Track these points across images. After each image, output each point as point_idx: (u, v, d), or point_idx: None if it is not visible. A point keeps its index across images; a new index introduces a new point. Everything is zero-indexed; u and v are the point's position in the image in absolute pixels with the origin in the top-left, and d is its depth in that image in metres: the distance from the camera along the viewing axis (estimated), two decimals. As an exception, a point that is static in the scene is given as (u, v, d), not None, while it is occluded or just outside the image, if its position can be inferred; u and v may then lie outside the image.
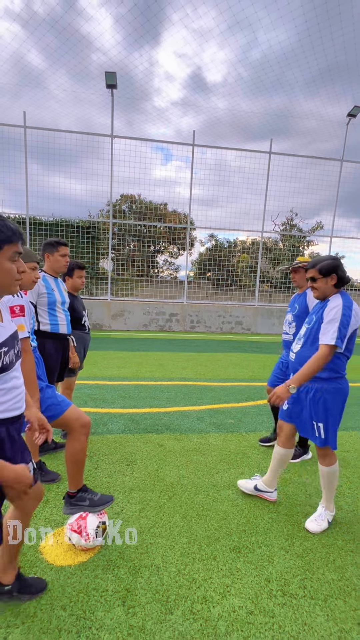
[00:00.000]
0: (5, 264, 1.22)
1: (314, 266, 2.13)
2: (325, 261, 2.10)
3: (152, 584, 1.78)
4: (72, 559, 1.92)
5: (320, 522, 2.25)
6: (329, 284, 2.11)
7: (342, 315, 2.00)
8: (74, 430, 2.03)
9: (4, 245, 1.20)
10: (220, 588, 1.77)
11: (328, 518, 2.27)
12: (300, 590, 1.79)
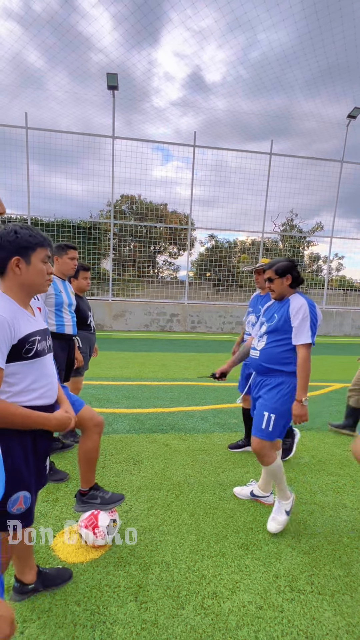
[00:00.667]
0: (39, 264, 1.43)
1: (270, 267, 2.24)
2: (281, 262, 2.22)
3: (163, 580, 1.82)
4: (84, 556, 1.96)
5: (277, 516, 2.22)
6: (285, 284, 2.22)
7: (310, 313, 2.12)
8: (87, 430, 2.07)
9: (37, 247, 1.41)
10: (230, 584, 1.81)
11: (285, 508, 2.23)
12: (308, 586, 1.83)
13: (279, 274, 2.20)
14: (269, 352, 2.24)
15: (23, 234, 1.39)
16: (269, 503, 2.51)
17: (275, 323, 2.23)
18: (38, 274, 1.43)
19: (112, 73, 10.40)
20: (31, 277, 1.41)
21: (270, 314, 2.31)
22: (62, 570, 1.80)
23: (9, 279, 1.40)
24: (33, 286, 1.44)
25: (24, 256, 1.39)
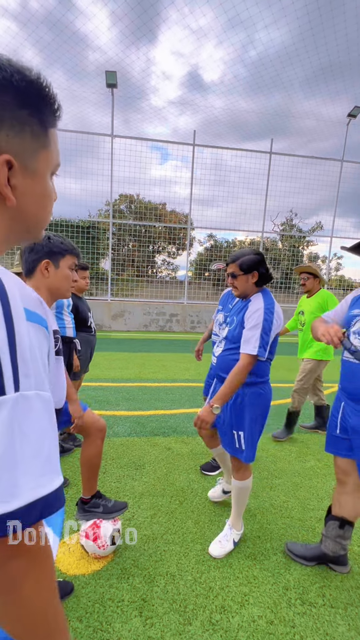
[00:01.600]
0: (66, 270, 1.53)
1: (234, 261, 1.90)
2: (246, 256, 1.88)
3: (169, 593, 1.74)
4: (86, 567, 1.88)
5: (225, 543, 2.02)
6: (250, 282, 1.90)
7: (264, 321, 1.80)
8: (90, 434, 1.99)
9: (67, 254, 1.53)
10: (238, 597, 1.74)
11: (234, 538, 2.04)
12: (319, 599, 1.75)
13: (243, 269, 1.87)
14: (225, 360, 2.02)
15: (55, 241, 1.52)
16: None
17: (233, 329, 1.99)
18: (64, 279, 1.54)
19: (111, 71, 10.30)
20: (58, 280, 1.52)
21: (232, 316, 2.06)
22: (63, 584, 1.72)
23: (37, 279, 1.51)
24: (59, 290, 1.54)
25: (54, 260, 1.52)
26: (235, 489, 2.07)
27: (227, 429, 2.04)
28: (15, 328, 0.43)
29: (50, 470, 0.45)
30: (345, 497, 1.89)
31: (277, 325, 1.88)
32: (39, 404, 0.44)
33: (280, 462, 3.14)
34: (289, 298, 13.69)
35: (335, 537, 1.89)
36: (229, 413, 2.03)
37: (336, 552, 1.90)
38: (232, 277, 1.94)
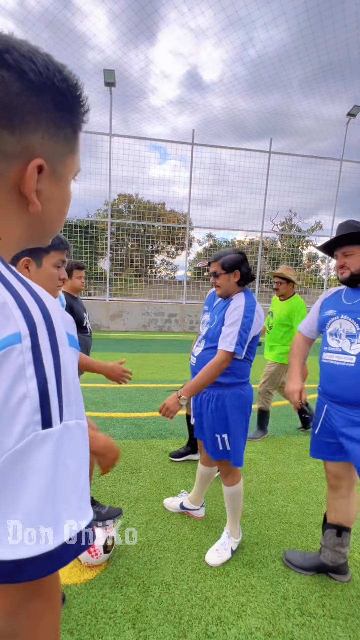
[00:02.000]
0: (50, 269, 1.34)
1: (216, 260, 1.91)
2: (229, 255, 1.90)
3: (163, 603, 1.68)
4: (78, 576, 1.82)
5: (223, 552, 1.96)
6: (232, 281, 1.90)
7: (244, 318, 1.80)
8: None
9: (51, 250, 1.32)
10: (235, 607, 1.68)
11: (232, 546, 1.98)
12: (319, 609, 1.70)
13: (225, 268, 1.87)
14: (203, 359, 1.94)
15: None
16: (199, 517, 2.33)
17: (213, 327, 1.96)
18: (48, 279, 1.34)
19: (109, 69, 10.25)
20: (40, 281, 1.30)
21: (213, 315, 2.03)
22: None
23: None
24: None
25: (35, 258, 1.31)
26: (226, 495, 2.01)
27: (210, 433, 1.96)
28: (61, 358, 0.41)
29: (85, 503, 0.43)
30: (340, 501, 1.84)
31: (258, 324, 1.87)
32: (79, 434, 0.43)
33: (279, 466, 3.08)
34: (288, 298, 13.63)
35: (334, 545, 1.83)
36: (211, 417, 1.95)
37: (336, 562, 1.84)
38: (215, 276, 1.94)
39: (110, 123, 11.03)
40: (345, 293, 1.74)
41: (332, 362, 1.69)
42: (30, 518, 0.37)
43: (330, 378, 1.71)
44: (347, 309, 1.67)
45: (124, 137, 11.31)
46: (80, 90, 0.47)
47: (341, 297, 1.74)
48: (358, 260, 1.61)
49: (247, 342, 1.83)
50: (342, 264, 1.65)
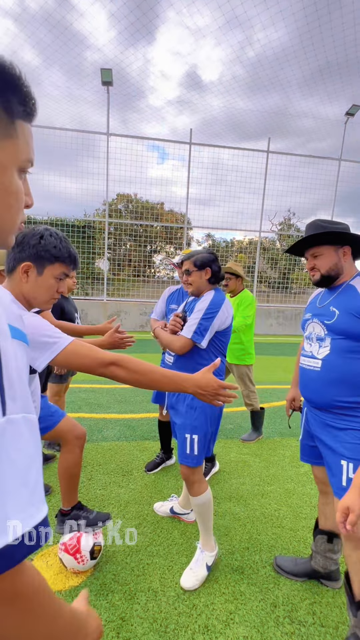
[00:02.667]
0: (50, 280, 1.28)
1: (188, 258, 1.96)
2: (201, 254, 1.95)
3: (149, 611, 1.64)
4: (63, 583, 1.78)
5: (197, 570, 1.81)
6: (203, 278, 1.94)
7: (207, 308, 1.82)
8: (68, 443, 1.90)
9: (56, 261, 1.28)
10: (223, 615, 1.64)
11: (207, 562, 1.85)
12: (309, 617, 1.66)
13: (197, 265, 1.92)
14: (182, 359, 1.91)
15: (47, 243, 1.26)
16: (190, 521, 2.28)
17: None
18: (45, 290, 1.28)
19: (106, 69, 10.20)
20: (36, 289, 1.26)
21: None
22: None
23: (14, 281, 1.27)
24: (35, 300, 1.28)
25: (38, 265, 1.26)
26: (194, 507, 1.88)
27: (181, 432, 1.88)
28: (2, 348, 0.41)
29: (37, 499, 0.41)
30: (330, 507, 1.79)
31: (223, 318, 1.85)
32: (25, 428, 0.41)
33: (273, 468, 3.04)
34: (286, 298, 13.60)
35: (325, 552, 1.79)
36: (184, 415, 1.87)
37: (327, 568, 1.80)
38: (187, 273, 1.96)
39: (108, 122, 10.98)
40: (321, 295, 1.67)
41: (304, 366, 1.65)
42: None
43: (303, 382, 1.68)
44: (318, 312, 1.62)
45: (121, 137, 11.26)
46: (11, 74, 0.44)
47: (317, 300, 1.69)
48: (327, 261, 1.54)
49: (207, 332, 1.81)
50: (312, 266, 1.58)
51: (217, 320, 1.82)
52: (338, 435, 1.52)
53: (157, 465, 2.93)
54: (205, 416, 1.84)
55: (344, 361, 1.49)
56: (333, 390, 1.52)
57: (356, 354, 1.47)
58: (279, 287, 13.79)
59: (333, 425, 1.55)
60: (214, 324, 1.81)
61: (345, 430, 1.50)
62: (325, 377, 1.54)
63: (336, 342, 1.51)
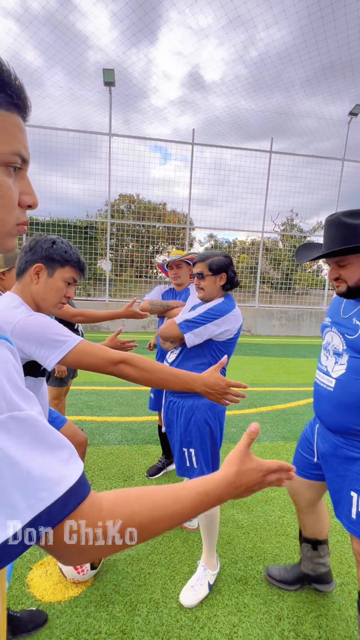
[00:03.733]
0: (59, 282, 1.29)
1: (203, 260, 1.76)
2: (216, 256, 1.76)
3: (151, 623, 1.60)
4: (62, 593, 1.74)
5: (199, 588, 1.74)
6: (217, 284, 1.77)
7: (209, 309, 1.71)
8: None
9: (67, 265, 1.30)
10: (227, 628, 1.60)
11: (209, 580, 1.78)
12: (314, 631, 1.61)
13: (212, 270, 1.74)
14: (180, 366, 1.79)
15: (59, 247, 1.30)
16: (192, 528, 2.24)
17: None
18: (55, 292, 1.30)
19: (108, 69, 10.18)
20: (46, 291, 1.29)
21: None
22: (36, 613, 1.59)
23: (24, 283, 1.29)
24: (44, 301, 1.30)
25: (49, 267, 1.28)
26: (201, 518, 1.82)
27: (178, 446, 1.81)
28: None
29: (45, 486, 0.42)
30: (305, 518, 1.74)
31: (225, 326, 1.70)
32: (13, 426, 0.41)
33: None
34: (289, 299, 13.53)
35: (312, 558, 1.75)
36: (181, 428, 1.79)
37: (317, 571, 1.76)
38: (200, 277, 1.79)
39: (110, 123, 10.96)
40: (345, 302, 1.46)
41: (318, 382, 1.52)
42: None
43: (316, 399, 1.55)
44: (340, 321, 1.43)
45: (123, 137, 11.24)
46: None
47: (341, 305, 1.47)
48: (356, 270, 1.30)
49: (197, 329, 1.69)
50: (336, 276, 1.36)
51: (214, 326, 1.69)
52: (349, 463, 1.39)
53: (159, 470, 2.88)
54: (202, 429, 1.75)
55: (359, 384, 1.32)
56: (346, 415, 1.36)
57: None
58: (282, 288, 13.73)
59: (345, 451, 1.41)
60: (207, 326, 1.68)
61: (358, 459, 1.37)
62: (337, 399, 1.38)
63: (354, 362, 1.33)
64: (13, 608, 1.63)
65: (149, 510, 0.54)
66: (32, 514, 0.41)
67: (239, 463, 0.64)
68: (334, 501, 1.49)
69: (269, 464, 0.66)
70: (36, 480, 0.41)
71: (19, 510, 0.40)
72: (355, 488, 1.35)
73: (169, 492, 0.57)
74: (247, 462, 0.64)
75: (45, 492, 0.42)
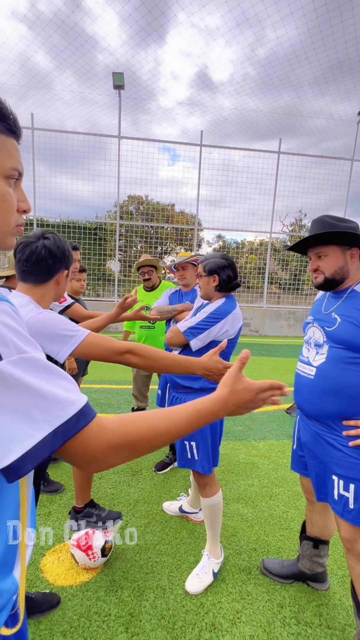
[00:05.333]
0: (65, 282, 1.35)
1: (202, 262, 1.92)
2: (213, 259, 1.87)
3: (158, 608, 1.68)
4: (74, 578, 1.83)
5: (203, 576, 1.82)
6: (210, 285, 1.87)
7: (211, 313, 1.79)
8: None
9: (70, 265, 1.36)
10: (230, 614, 1.67)
11: (213, 568, 1.86)
12: (315, 618, 1.67)
13: (205, 271, 1.86)
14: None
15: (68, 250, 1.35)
16: (198, 521, 2.31)
17: None
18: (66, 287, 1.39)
19: (118, 72, 10.32)
20: (64, 289, 1.38)
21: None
22: (49, 596, 1.68)
23: (49, 288, 1.31)
24: (58, 296, 1.38)
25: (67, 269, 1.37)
26: (204, 508, 1.91)
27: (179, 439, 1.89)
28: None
29: (60, 407, 0.52)
30: (315, 516, 1.79)
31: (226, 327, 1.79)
32: (24, 364, 0.50)
33: (282, 470, 3.04)
34: (297, 299, 13.49)
35: (312, 556, 1.80)
36: None
37: (313, 570, 1.81)
38: (199, 277, 1.94)
39: (119, 126, 11.09)
40: (327, 300, 1.56)
41: (299, 372, 1.60)
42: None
43: (296, 388, 1.62)
44: (321, 317, 1.53)
45: (132, 139, 11.36)
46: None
47: (322, 304, 1.58)
48: (333, 263, 1.43)
49: (202, 335, 1.77)
50: (315, 267, 1.48)
51: (216, 328, 1.78)
52: (328, 449, 1.47)
53: (166, 465, 2.96)
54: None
55: (338, 372, 1.41)
56: (325, 401, 1.45)
57: (352, 365, 1.39)
58: (290, 288, 13.70)
59: (324, 438, 1.49)
60: (211, 330, 1.77)
61: (336, 444, 1.44)
62: (317, 386, 1.47)
63: (333, 351, 1.43)
64: (28, 590, 1.73)
65: (148, 427, 0.62)
66: (51, 428, 0.51)
67: (231, 384, 0.73)
68: (316, 485, 1.56)
69: (260, 384, 0.75)
70: (51, 403, 0.51)
71: (40, 426, 0.50)
72: (336, 472, 1.44)
73: (165, 411, 0.67)
74: (239, 383, 0.73)
75: (60, 411, 0.52)
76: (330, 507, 1.50)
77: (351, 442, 1.39)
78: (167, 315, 2.65)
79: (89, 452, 0.56)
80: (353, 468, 1.39)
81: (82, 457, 0.57)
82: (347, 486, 1.39)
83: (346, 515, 1.39)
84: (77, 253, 2.87)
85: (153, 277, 3.39)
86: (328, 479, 1.48)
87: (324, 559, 1.81)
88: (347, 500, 1.39)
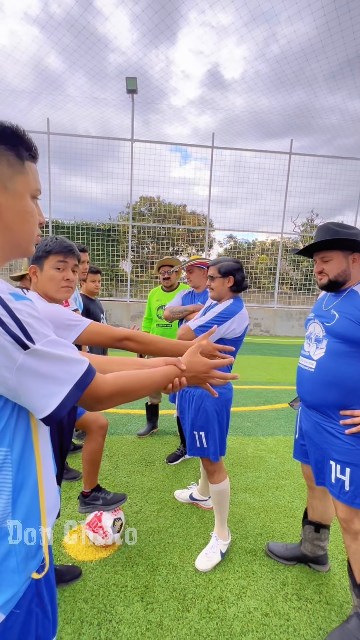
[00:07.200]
0: (50, 271, 1.46)
1: (214, 264, 2.05)
2: (226, 262, 2.04)
3: (170, 582, 1.84)
4: (93, 554, 2.00)
5: (212, 555, 1.99)
6: (225, 285, 2.03)
7: (221, 312, 1.94)
8: (92, 431, 2.13)
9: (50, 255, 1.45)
10: (236, 589, 1.81)
11: (221, 549, 2.01)
12: (315, 595, 1.80)
13: (221, 273, 2.01)
14: None
15: (40, 245, 1.47)
16: (207, 507, 2.46)
17: None
18: (49, 281, 1.48)
19: (131, 77, 10.52)
20: (45, 283, 1.48)
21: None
22: (72, 568, 1.86)
23: (32, 286, 1.53)
24: (47, 293, 1.50)
25: (39, 264, 1.49)
26: (212, 494, 2.07)
27: (189, 429, 2.07)
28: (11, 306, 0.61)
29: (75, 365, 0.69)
30: (316, 502, 1.92)
31: (234, 326, 1.93)
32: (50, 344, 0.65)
33: (288, 464, 3.17)
34: (308, 299, 13.48)
35: (313, 540, 1.93)
36: (192, 414, 2.05)
37: (315, 553, 1.95)
38: (210, 278, 2.06)
39: (132, 129, 11.30)
40: (327, 298, 1.72)
41: (301, 366, 1.74)
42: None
43: (298, 381, 1.77)
44: (321, 314, 1.67)
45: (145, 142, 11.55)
46: (18, 132, 0.69)
47: (323, 301, 1.73)
48: (336, 266, 1.58)
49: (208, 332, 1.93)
50: (320, 270, 1.63)
51: (224, 327, 1.92)
52: (327, 437, 1.62)
53: (177, 457, 3.12)
54: (207, 416, 2.00)
55: (337, 364, 1.55)
56: (324, 392, 1.60)
57: (350, 358, 1.52)
58: (301, 288, 13.70)
59: (323, 426, 1.64)
60: (220, 328, 1.91)
61: (334, 432, 1.59)
62: (317, 378, 1.62)
63: (332, 345, 1.57)
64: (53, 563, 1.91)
65: (135, 380, 0.84)
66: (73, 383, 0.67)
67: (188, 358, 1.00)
68: (315, 471, 1.71)
69: (214, 362, 1.01)
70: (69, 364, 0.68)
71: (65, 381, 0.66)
72: (334, 458, 1.58)
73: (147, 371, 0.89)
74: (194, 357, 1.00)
75: (75, 369, 0.69)
76: (328, 491, 1.64)
77: (347, 430, 1.53)
78: (179, 315, 2.82)
79: (95, 397, 0.74)
80: (349, 454, 1.53)
81: (92, 400, 0.75)
82: (344, 470, 1.53)
83: (342, 496, 1.53)
84: (85, 254, 3.06)
85: (172, 277, 3.54)
86: (326, 464, 1.63)
87: (325, 543, 1.94)
88: (343, 483, 1.53)
